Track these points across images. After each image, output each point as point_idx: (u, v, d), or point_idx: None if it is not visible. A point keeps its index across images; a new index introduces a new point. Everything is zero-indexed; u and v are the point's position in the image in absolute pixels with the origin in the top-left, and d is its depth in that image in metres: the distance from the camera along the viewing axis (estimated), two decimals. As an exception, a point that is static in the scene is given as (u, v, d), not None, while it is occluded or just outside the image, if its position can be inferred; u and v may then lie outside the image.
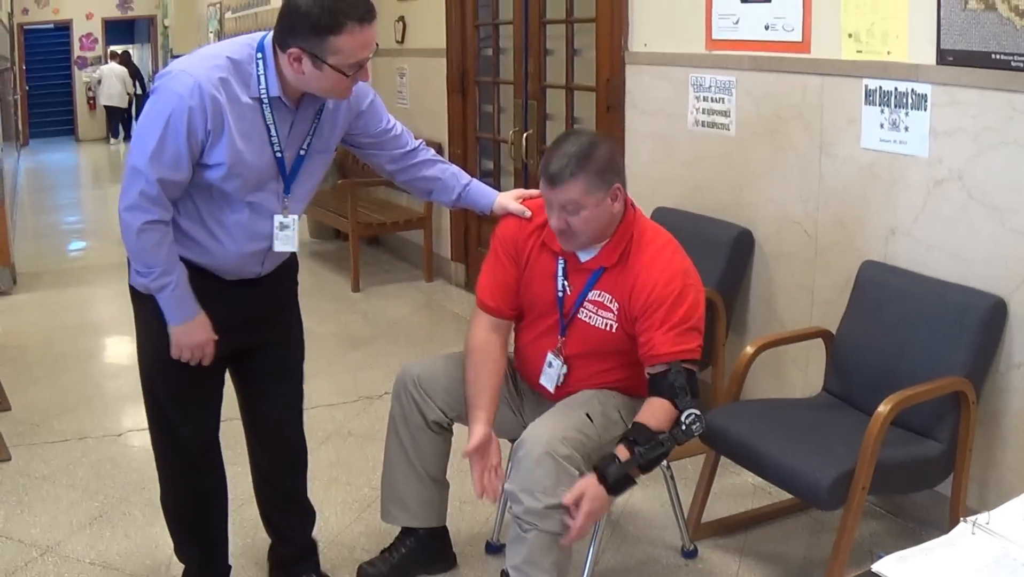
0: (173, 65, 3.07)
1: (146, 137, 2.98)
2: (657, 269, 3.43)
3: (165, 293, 3.16)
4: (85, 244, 11.05)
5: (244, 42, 3.11)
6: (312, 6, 2.91)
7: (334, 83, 3.06)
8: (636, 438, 3.28)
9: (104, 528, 4.39)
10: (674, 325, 3.35)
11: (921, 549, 2.08)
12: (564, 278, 3.56)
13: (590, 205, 3.35)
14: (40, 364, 6.61)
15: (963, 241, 3.92)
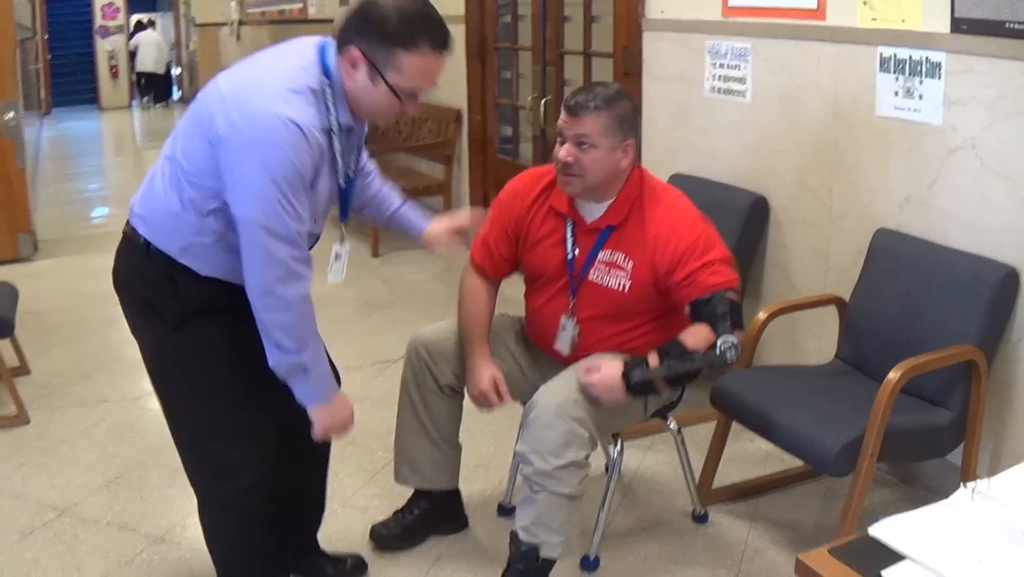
0: (257, 100, 2.75)
1: (273, 198, 2.72)
2: (677, 220, 3.48)
3: (316, 371, 2.98)
4: (107, 211, 11.10)
5: (311, 63, 2.86)
6: (392, 12, 2.77)
7: (381, 103, 2.90)
8: (669, 350, 3.35)
9: (120, 489, 4.44)
10: (711, 262, 3.41)
11: (919, 514, 2.09)
12: (572, 239, 3.57)
13: (602, 146, 3.39)
14: (60, 329, 6.67)
15: (977, 210, 3.91)
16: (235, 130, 2.73)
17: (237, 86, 2.84)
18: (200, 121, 2.85)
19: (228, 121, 2.75)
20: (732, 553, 3.92)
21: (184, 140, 2.91)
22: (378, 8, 2.78)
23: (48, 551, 3.98)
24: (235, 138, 2.73)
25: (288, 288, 2.82)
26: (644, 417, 3.75)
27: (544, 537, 3.38)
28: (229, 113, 2.76)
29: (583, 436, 3.33)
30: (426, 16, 2.82)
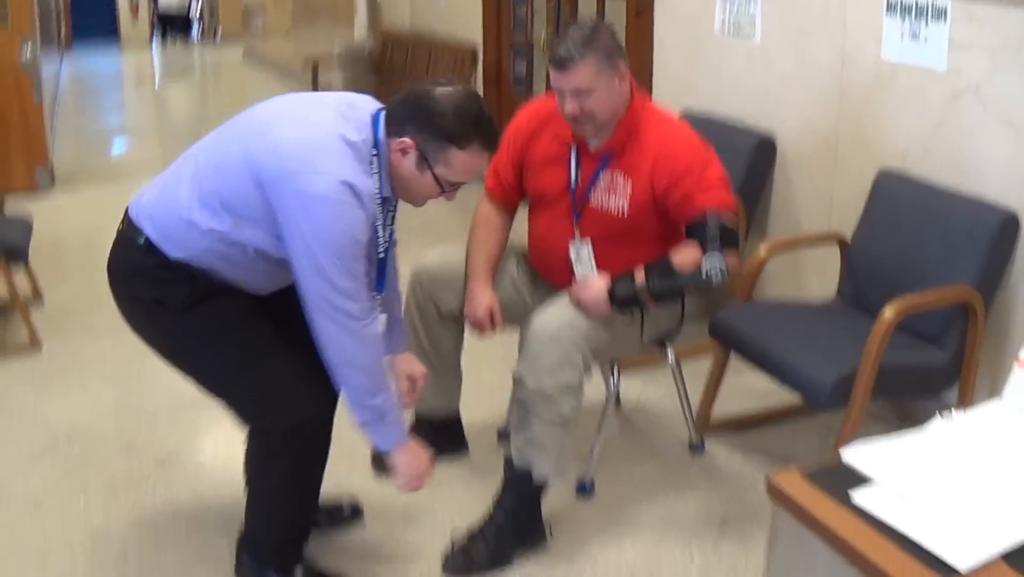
0: (319, 159, 2.80)
1: (336, 258, 2.80)
2: (676, 141, 3.53)
3: (392, 415, 3.06)
4: (126, 145, 11.15)
5: (365, 130, 2.92)
6: (450, 110, 2.85)
7: (423, 190, 3.00)
8: (655, 268, 3.43)
9: (129, 414, 4.53)
10: (708, 184, 3.46)
11: (893, 440, 2.15)
12: (577, 165, 3.63)
13: (601, 87, 3.41)
14: (75, 260, 6.75)
15: (978, 154, 3.93)
16: (294, 185, 2.79)
17: (295, 135, 2.86)
18: (247, 157, 2.88)
19: (286, 171, 2.80)
20: (726, 483, 3.98)
21: (224, 170, 2.94)
22: (436, 103, 2.86)
23: (57, 472, 4.09)
24: (295, 194, 2.79)
25: (353, 335, 2.90)
26: (641, 345, 3.81)
27: (536, 459, 3.45)
28: (285, 162, 2.81)
29: (578, 361, 3.39)
30: (479, 116, 2.91)
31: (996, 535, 1.80)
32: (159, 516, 3.80)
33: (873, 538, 1.82)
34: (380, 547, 3.62)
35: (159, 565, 3.52)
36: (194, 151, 3.12)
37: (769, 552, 2.11)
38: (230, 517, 3.66)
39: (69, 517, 3.78)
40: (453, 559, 3.45)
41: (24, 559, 3.54)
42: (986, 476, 1.97)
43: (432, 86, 2.91)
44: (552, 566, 3.51)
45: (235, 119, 3.08)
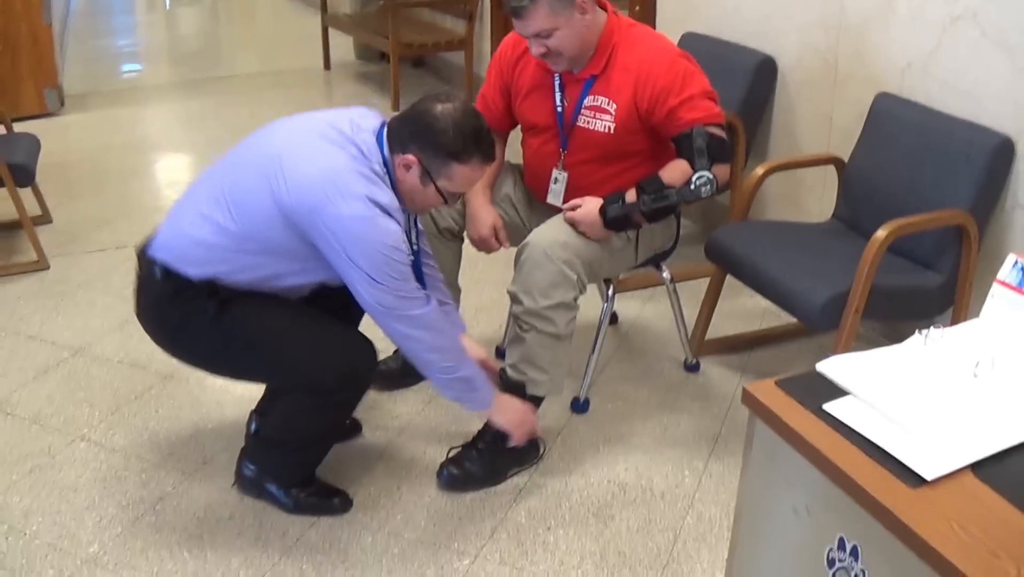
0: (339, 187, 2.89)
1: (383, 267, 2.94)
2: (656, 60, 3.52)
3: (478, 382, 3.24)
4: (139, 66, 11.14)
5: (373, 150, 3.01)
6: (450, 127, 2.95)
7: (427, 201, 3.13)
8: (645, 187, 3.46)
9: (134, 330, 4.51)
10: (691, 97, 3.47)
11: (869, 355, 2.16)
12: (561, 92, 3.64)
13: (561, 24, 3.42)
14: (83, 180, 6.77)
15: (975, 79, 3.92)
16: (324, 214, 2.89)
17: (313, 169, 2.93)
18: (275, 199, 2.94)
19: (314, 204, 2.89)
20: (720, 402, 4.03)
21: (248, 211, 3.01)
22: (437, 121, 2.96)
23: (62, 388, 4.15)
24: (327, 222, 2.90)
25: (419, 325, 3.08)
26: (636, 263, 3.84)
27: (531, 374, 3.51)
28: (310, 196, 2.90)
29: (572, 278, 3.44)
30: (477, 132, 3.01)
31: (965, 447, 1.83)
32: (161, 429, 3.86)
33: (843, 446, 1.86)
34: (377, 461, 3.68)
35: (160, 477, 3.59)
36: (203, 183, 3.20)
37: (744, 459, 2.15)
38: (231, 431, 3.75)
39: (72, 431, 3.85)
40: (447, 472, 3.51)
41: (27, 472, 3.61)
42: (958, 391, 2.00)
43: (432, 103, 3.00)
44: (545, 481, 3.57)
45: (244, 149, 3.16)
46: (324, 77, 10.01)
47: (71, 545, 3.25)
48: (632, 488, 3.53)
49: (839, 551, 1.87)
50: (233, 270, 3.06)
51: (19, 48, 8.00)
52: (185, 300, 3.08)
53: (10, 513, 3.39)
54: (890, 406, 1.94)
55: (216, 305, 3.07)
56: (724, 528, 3.30)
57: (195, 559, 3.20)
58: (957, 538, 1.62)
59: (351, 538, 3.29)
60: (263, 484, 3.43)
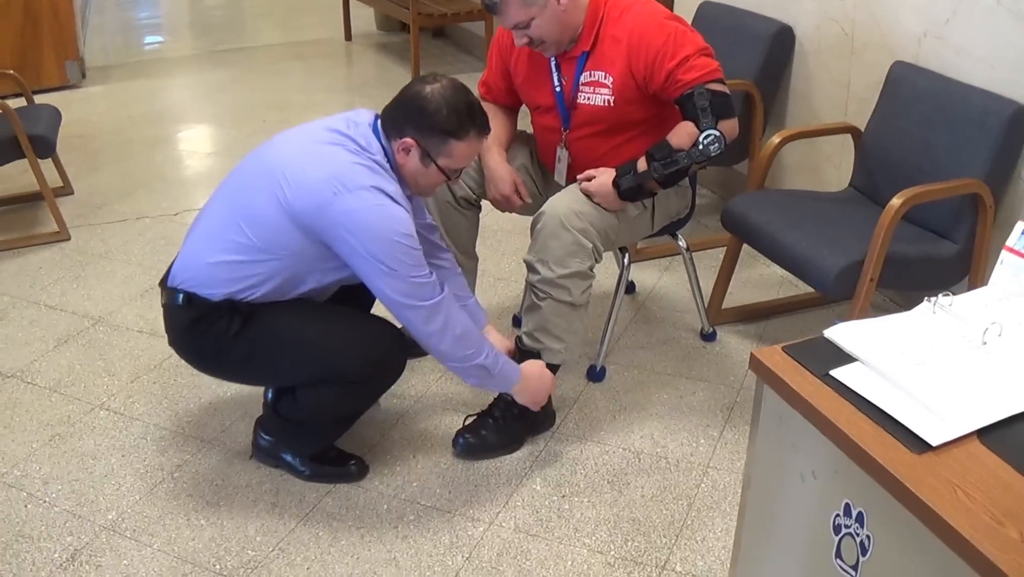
0: (344, 183, 2.92)
1: (399, 254, 2.95)
2: (644, 26, 3.50)
3: (499, 366, 3.23)
4: (160, 38, 11.15)
5: (373, 144, 3.06)
6: (443, 106, 2.99)
7: (431, 182, 3.16)
8: (655, 153, 3.45)
9: (154, 299, 4.61)
10: (686, 58, 3.44)
11: (877, 321, 2.17)
12: (557, 72, 3.65)
13: (535, 14, 3.43)
14: (105, 151, 6.79)
15: (991, 47, 3.90)
16: (333, 211, 2.93)
17: (316, 171, 2.96)
18: (286, 208, 2.98)
19: (321, 203, 2.93)
20: (735, 371, 4.04)
21: (259, 226, 3.04)
22: (429, 102, 3.00)
23: (81, 356, 4.19)
24: (337, 218, 2.93)
25: (437, 313, 3.07)
26: (652, 231, 3.84)
27: (546, 343, 3.52)
28: (317, 196, 2.93)
29: (587, 247, 3.44)
30: (470, 106, 3.05)
31: (971, 414, 1.83)
32: (180, 398, 3.89)
33: (849, 412, 1.86)
34: (393, 428, 3.71)
35: (178, 445, 3.62)
36: (211, 208, 3.23)
37: (752, 426, 2.16)
38: (249, 400, 3.78)
39: (92, 399, 3.89)
40: (463, 440, 3.53)
41: (47, 441, 3.65)
42: (966, 358, 2.00)
43: (420, 85, 3.04)
44: (560, 449, 3.59)
45: (246, 170, 3.19)
46: (345, 48, 10.00)
47: (90, 512, 3.28)
48: (647, 456, 3.54)
49: (845, 517, 1.88)
50: (252, 286, 3.09)
51: (40, 20, 8.02)
52: (210, 323, 3.13)
53: (30, 481, 3.43)
54: (897, 373, 1.94)
55: (240, 321, 3.12)
56: (738, 496, 3.28)
57: (212, 526, 3.22)
58: (962, 504, 1.63)
59: (367, 505, 3.32)
60: (279, 453, 3.45)
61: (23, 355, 4.20)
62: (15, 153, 5.15)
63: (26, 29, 7.97)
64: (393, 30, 10.41)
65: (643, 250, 4.87)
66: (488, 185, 3.78)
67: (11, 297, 4.69)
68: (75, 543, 3.15)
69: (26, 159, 5.16)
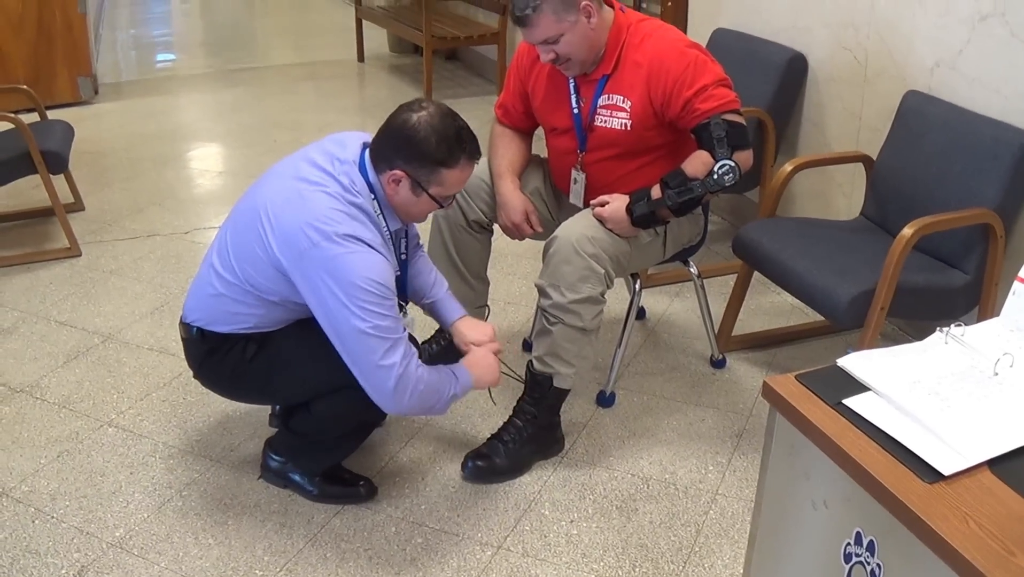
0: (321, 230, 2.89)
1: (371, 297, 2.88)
2: (665, 53, 3.51)
3: (459, 386, 3.20)
4: (173, 56, 11.20)
5: (358, 182, 3.02)
6: (431, 135, 2.94)
7: (422, 210, 3.13)
8: (669, 181, 3.45)
9: (164, 317, 4.62)
10: (704, 87, 3.45)
11: (889, 351, 2.17)
12: (576, 94, 3.66)
13: (566, 30, 3.43)
14: (116, 168, 6.82)
15: (1004, 77, 3.91)
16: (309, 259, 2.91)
17: (295, 218, 2.93)
18: (257, 243, 3.01)
19: (298, 251, 2.91)
20: (745, 398, 4.04)
21: (246, 263, 3.06)
22: (416, 131, 2.95)
23: (91, 373, 4.19)
24: (313, 265, 2.91)
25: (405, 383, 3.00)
26: (663, 257, 3.84)
27: (557, 367, 3.52)
28: (294, 245, 2.92)
29: (599, 272, 3.44)
30: (459, 133, 3.00)
31: (982, 444, 1.84)
32: (189, 416, 3.90)
33: (861, 441, 1.87)
34: (400, 451, 3.70)
35: (187, 464, 3.62)
36: (216, 241, 3.25)
37: (764, 453, 2.16)
38: (258, 419, 3.78)
39: (101, 416, 3.89)
40: (472, 464, 3.53)
41: (55, 457, 3.66)
42: (978, 389, 2.01)
43: (407, 114, 2.98)
44: (569, 473, 3.58)
45: (242, 203, 3.19)
46: (358, 69, 10.04)
47: (97, 529, 3.28)
48: (656, 482, 3.54)
49: (856, 545, 1.88)
50: (252, 325, 3.15)
51: (54, 36, 8.07)
52: (225, 352, 3.18)
53: (38, 496, 3.43)
54: (909, 402, 1.95)
55: (255, 345, 3.16)
56: (746, 523, 3.30)
57: (220, 545, 3.22)
58: (973, 534, 1.63)
59: (375, 527, 3.31)
60: (288, 473, 3.46)
61: (32, 370, 4.20)
62: (28, 168, 5.17)
63: (40, 45, 8.02)
64: (406, 52, 10.46)
65: (654, 276, 4.88)
66: (499, 212, 3.78)
67: (21, 312, 4.70)
68: (82, 560, 3.15)
69: (38, 174, 5.17)
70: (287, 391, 3.32)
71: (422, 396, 3.03)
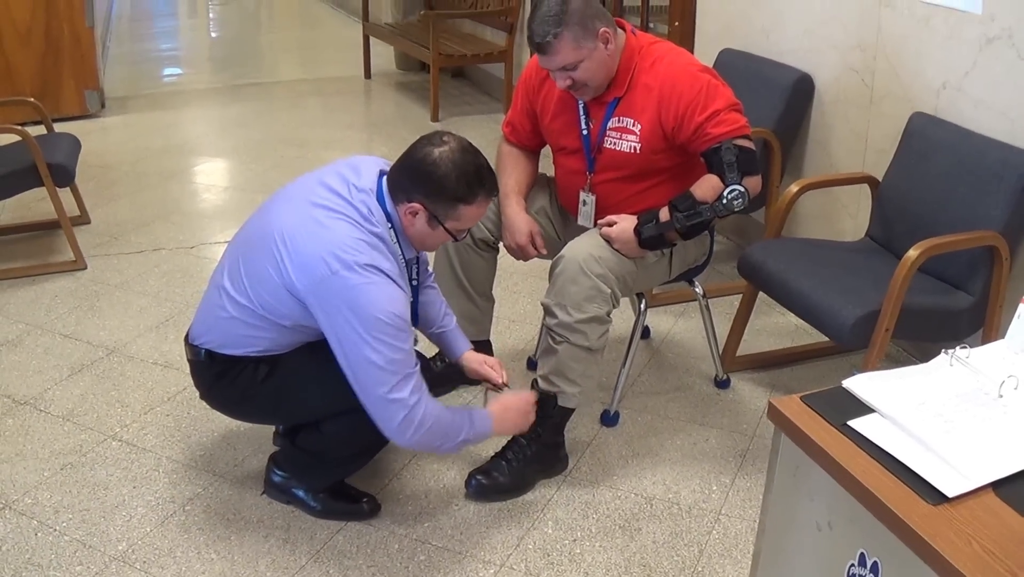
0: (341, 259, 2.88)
1: (388, 329, 2.89)
2: (677, 77, 3.52)
3: (474, 429, 3.18)
4: (179, 71, 11.23)
5: (376, 211, 3.00)
6: (452, 172, 2.94)
7: (436, 241, 3.16)
8: (678, 204, 3.46)
9: (169, 331, 4.63)
10: (716, 112, 3.46)
11: (895, 373, 2.18)
12: (586, 115, 3.67)
13: (585, 56, 3.44)
14: (122, 182, 6.84)
15: (1010, 100, 3.91)
16: (328, 287, 2.90)
17: (314, 246, 2.92)
18: (273, 268, 2.99)
19: (317, 279, 2.90)
20: (749, 419, 4.03)
21: (261, 288, 3.05)
22: (438, 167, 2.95)
23: (95, 386, 4.20)
24: (331, 294, 2.90)
25: (417, 422, 3.00)
26: (669, 277, 3.85)
27: (562, 386, 3.52)
28: (313, 272, 2.91)
29: (605, 292, 3.45)
30: (479, 170, 3.01)
31: (987, 466, 1.84)
32: (193, 431, 3.90)
33: (866, 463, 1.87)
34: (404, 468, 3.70)
35: (190, 478, 3.62)
36: (224, 262, 3.24)
37: (769, 474, 2.16)
38: (262, 435, 3.78)
39: (105, 429, 3.89)
40: (476, 481, 3.52)
41: (59, 469, 3.66)
42: (982, 411, 2.01)
43: (428, 148, 2.98)
44: (573, 492, 3.58)
45: (253, 225, 3.19)
46: (365, 86, 10.06)
47: (100, 542, 3.28)
48: (659, 501, 3.53)
49: (860, 566, 1.89)
50: (264, 349, 3.14)
51: (61, 49, 8.11)
52: (236, 374, 3.17)
53: (41, 509, 3.43)
54: (914, 424, 1.95)
55: (266, 367, 3.16)
56: (749, 543, 3.30)
57: (223, 560, 3.22)
58: (977, 556, 1.63)
59: (378, 544, 3.31)
60: (291, 489, 3.46)
61: (37, 383, 4.21)
62: (34, 181, 5.19)
63: (47, 57, 8.06)
64: (412, 69, 10.48)
65: (659, 296, 4.88)
66: (505, 233, 3.79)
67: (26, 324, 4.71)
68: (85, 573, 3.14)
69: (44, 187, 5.18)
70: (298, 412, 3.32)
71: (429, 433, 3.02)
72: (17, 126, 5.22)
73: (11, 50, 7.94)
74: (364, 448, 3.40)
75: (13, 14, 7.88)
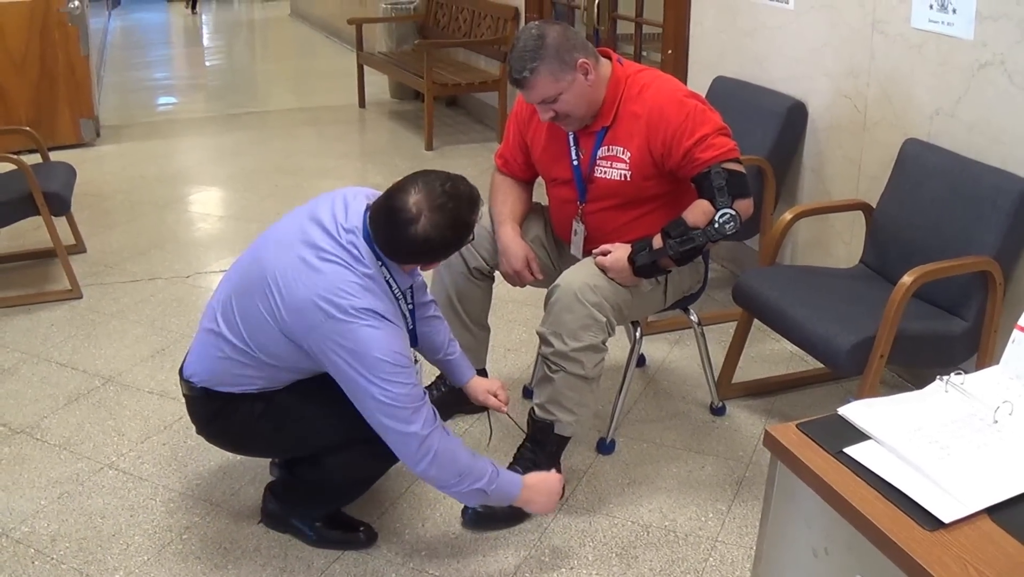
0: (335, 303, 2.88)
1: (391, 368, 2.89)
2: (664, 103, 3.53)
3: (496, 482, 3.12)
4: (174, 99, 11.26)
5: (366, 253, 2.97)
6: (437, 246, 2.95)
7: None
8: (670, 231, 3.47)
9: (165, 360, 4.63)
10: (704, 137, 3.47)
11: (891, 400, 2.19)
12: (575, 146, 3.69)
13: (564, 88, 3.46)
14: (118, 211, 6.85)
15: (1003, 125, 3.93)
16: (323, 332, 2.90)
17: (307, 291, 2.91)
18: (267, 311, 2.99)
19: (313, 323, 2.90)
20: (745, 446, 4.04)
21: (256, 330, 3.04)
22: (428, 242, 2.92)
23: (91, 415, 4.20)
24: (328, 338, 2.91)
25: (431, 454, 2.99)
26: (664, 305, 3.85)
27: (558, 415, 3.53)
28: (309, 317, 2.90)
29: (601, 321, 3.46)
30: (457, 229, 2.97)
31: (983, 491, 1.85)
32: (190, 460, 3.90)
33: (862, 489, 1.88)
34: (401, 497, 3.70)
35: (187, 507, 3.62)
36: (217, 298, 3.22)
37: (765, 501, 2.17)
38: (259, 464, 3.77)
39: (101, 458, 3.90)
40: (472, 510, 3.52)
41: (55, 498, 3.66)
42: (978, 437, 2.02)
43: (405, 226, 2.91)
44: (569, 520, 3.58)
45: (246, 263, 3.17)
46: (359, 115, 10.09)
47: (97, 571, 3.28)
48: (656, 529, 3.53)
49: (857, 593, 1.89)
50: (265, 386, 3.15)
51: (56, 77, 8.14)
52: (232, 410, 3.18)
53: (37, 538, 3.43)
54: (910, 451, 1.96)
55: (262, 403, 3.16)
56: (746, 571, 3.30)
57: (219, 588, 3.22)
58: (974, 582, 1.64)
59: (375, 572, 3.31)
60: (288, 518, 3.46)
61: (33, 411, 4.21)
62: (30, 210, 5.20)
63: (42, 86, 8.09)
64: (407, 98, 10.52)
65: (654, 323, 4.89)
66: (500, 259, 3.80)
67: (22, 353, 4.72)
68: (82, 602, 3.15)
69: (40, 216, 5.19)
70: (296, 447, 3.33)
71: (442, 467, 3.01)
72: (13, 155, 5.24)
73: (6, 78, 7.97)
74: (362, 479, 3.40)
75: (8, 43, 7.91)
